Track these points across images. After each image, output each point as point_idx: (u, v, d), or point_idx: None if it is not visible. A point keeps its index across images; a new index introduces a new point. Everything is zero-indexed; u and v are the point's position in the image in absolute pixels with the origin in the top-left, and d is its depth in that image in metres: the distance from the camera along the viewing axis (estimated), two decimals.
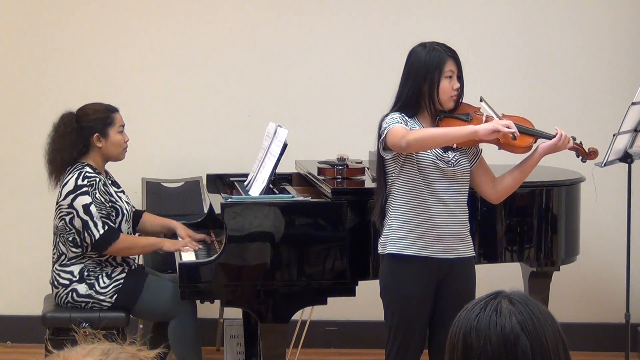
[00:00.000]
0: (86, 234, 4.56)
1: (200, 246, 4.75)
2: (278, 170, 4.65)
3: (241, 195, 4.69)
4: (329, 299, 4.39)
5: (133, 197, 5.29)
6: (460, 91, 3.95)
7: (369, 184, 4.54)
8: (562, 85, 5.89)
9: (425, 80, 3.90)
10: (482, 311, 1.86)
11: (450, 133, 3.82)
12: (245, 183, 4.84)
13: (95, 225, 4.55)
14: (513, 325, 1.83)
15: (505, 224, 4.57)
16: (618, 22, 5.86)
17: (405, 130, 3.81)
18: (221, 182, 5.24)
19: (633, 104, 4.69)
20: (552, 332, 1.85)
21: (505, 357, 1.82)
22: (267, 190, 4.53)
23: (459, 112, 3.97)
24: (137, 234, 4.95)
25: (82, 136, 4.65)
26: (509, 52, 5.87)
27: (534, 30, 5.88)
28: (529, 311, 1.85)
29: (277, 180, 4.92)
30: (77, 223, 4.57)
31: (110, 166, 4.84)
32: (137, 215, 4.90)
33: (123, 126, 4.74)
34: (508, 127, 3.79)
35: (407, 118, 3.90)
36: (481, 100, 3.97)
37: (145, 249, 4.80)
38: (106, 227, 4.56)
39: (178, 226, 4.92)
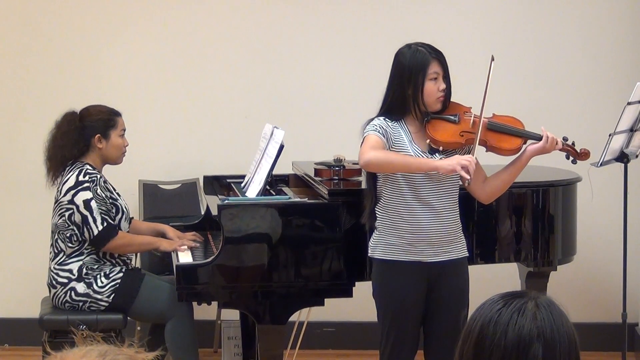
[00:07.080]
0: (85, 229, 4.59)
1: (197, 245, 4.76)
2: (275, 172, 4.65)
3: (238, 196, 4.69)
4: (326, 300, 4.39)
5: (130, 198, 5.30)
6: (448, 92, 3.92)
7: (365, 185, 4.55)
8: (557, 85, 5.89)
9: (409, 84, 3.86)
10: (506, 306, 1.86)
11: (412, 164, 3.79)
12: (242, 184, 4.85)
13: (95, 220, 4.58)
14: (531, 328, 1.82)
15: (501, 224, 4.57)
16: (615, 22, 5.86)
17: (369, 147, 3.78)
18: (218, 184, 5.23)
19: (629, 103, 4.69)
20: (568, 346, 1.83)
21: (515, 357, 1.81)
22: (264, 192, 4.53)
23: (447, 112, 3.94)
24: None
25: (83, 135, 4.70)
26: (505, 52, 5.86)
27: (531, 30, 5.88)
28: (551, 319, 1.84)
29: (274, 182, 4.91)
30: (77, 218, 4.60)
31: (106, 167, 4.84)
32: None
33: (124, 130, 4.79)
34: (465, 169, 3.72)
35: (389, 124, 3.87)
36: (492, 60, 3.91)
37: (142, 247, 4.84)
38: (105, 224, 4.59)
39: (167, 229, 4.94)
